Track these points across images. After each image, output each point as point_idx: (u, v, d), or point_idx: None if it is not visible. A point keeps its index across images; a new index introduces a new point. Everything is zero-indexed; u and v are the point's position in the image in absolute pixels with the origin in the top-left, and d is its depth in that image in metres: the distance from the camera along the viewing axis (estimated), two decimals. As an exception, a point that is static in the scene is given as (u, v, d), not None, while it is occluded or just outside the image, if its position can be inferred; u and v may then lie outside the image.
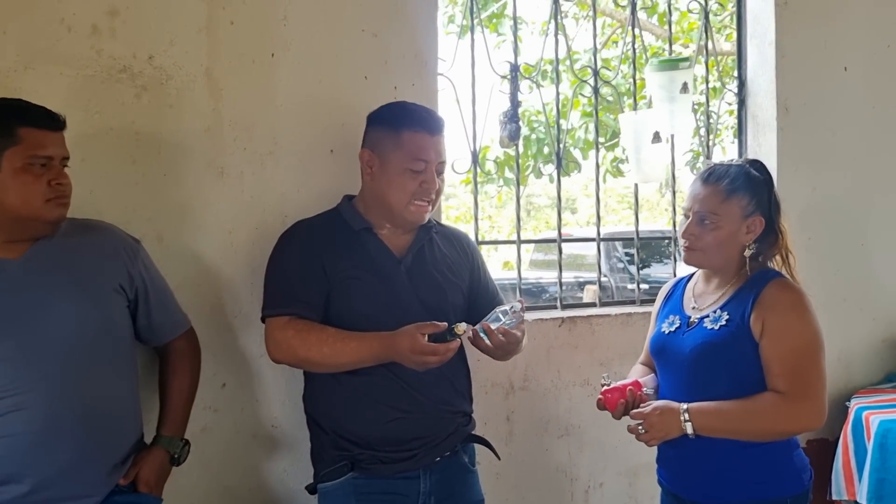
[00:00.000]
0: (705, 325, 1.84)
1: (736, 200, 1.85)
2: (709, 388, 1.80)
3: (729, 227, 1.85)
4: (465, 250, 2.07)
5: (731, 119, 4.16)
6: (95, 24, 1.97)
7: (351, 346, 1.79)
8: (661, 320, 1.99)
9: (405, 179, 1.87)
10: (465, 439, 1.99)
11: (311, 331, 1.82)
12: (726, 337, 1.80)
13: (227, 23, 2.11)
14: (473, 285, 2.06)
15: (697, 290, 1.96)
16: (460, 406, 1.98)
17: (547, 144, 6.25)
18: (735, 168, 1.89)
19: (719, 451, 1.80)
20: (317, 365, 1.84)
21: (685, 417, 1.78)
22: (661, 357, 1.95)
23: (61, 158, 1.67)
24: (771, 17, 2.86)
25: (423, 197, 1.89)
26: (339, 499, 1.87)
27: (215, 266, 2.12)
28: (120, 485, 1.75)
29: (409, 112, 1.92)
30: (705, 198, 1.86)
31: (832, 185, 2.94)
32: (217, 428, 2.12)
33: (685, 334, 1.88)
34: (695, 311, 1.91)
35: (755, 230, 1.87)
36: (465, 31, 2.60)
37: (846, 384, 2.95)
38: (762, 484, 1.80)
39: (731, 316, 1.81)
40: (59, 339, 1.65)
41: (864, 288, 3.00)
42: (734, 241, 1.86)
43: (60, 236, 1.72)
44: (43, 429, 1.62)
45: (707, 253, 1.87)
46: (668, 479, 1.95)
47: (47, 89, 1.90)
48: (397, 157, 1.87)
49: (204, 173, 2.10)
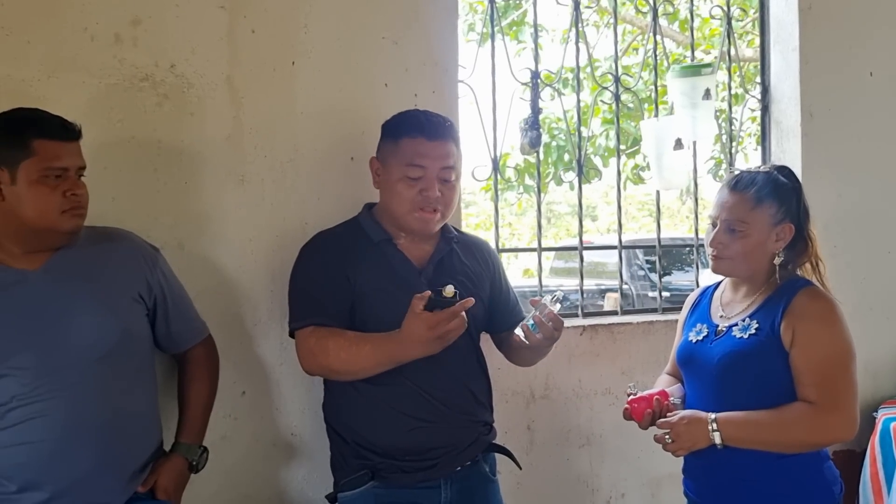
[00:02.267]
0: (734, 333, 1.81)
1: (765, 208, 1.82)
2: (736, 398, 1.77)
3: (758, 236, 1.82)
4: (486, 260, 2.05)
5: (753, 126, 4.13)
6: (118, 33, 1.99)
7: (366, 350, 1.76)
8: (688, 329, 1.96)
9: (403, 187, 1.84)
10: (485, 449, 1.97)
11: (329, 337, 1.79)
12: (755, 346, 1.77)
13: (248, 31, 2.12)
14: (494, 295, 2.04)
15: (725, 298, 1.93)
16: (481, 416, 1.96)
17: (567, 152, 6.23)
18: (762, 175, 1.86)
19: (748, 463, 1.76)
20: (339, 373, 1.82)
21: (713, 427, 1.75)
22: (688, 366, 1.92)
23: (77, 169, 1.67)
24: (795, 23, 2.83)
25: (425, 206, 1.84)
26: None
27: (235, 274, 2.12)
28: (138, 492, 1.75)
29: (408, 118, 1.90)
30: (733, 206, 1.83)
31: (858, 192, 2.90)
32: (236, 436, 2.12)
33: (713, 343, 1.85)
34: (723, 320, 1.88)
35: (784, 238, 1.84)
36: (485, 38, 2.58)
37: (873, 394, 2.89)
38: (791, 497, 1.77)
39: (761, 325, 1.78)
40: (78, 348, 1.65)
41: (891, 296, 2.95)
42: (763, 250, 1.83)
43: (79, 246, 1.72)
44: (63, 436, 1.62)
45: (735, 261, 1.84)
46: (694, 490, 1.92)
47: (70, 98, 1.91)
48: (395, 164, 1.85)
49: (225, 181, 2.11)
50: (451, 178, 1.88)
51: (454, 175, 1.89)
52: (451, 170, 1.88)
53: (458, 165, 1.92)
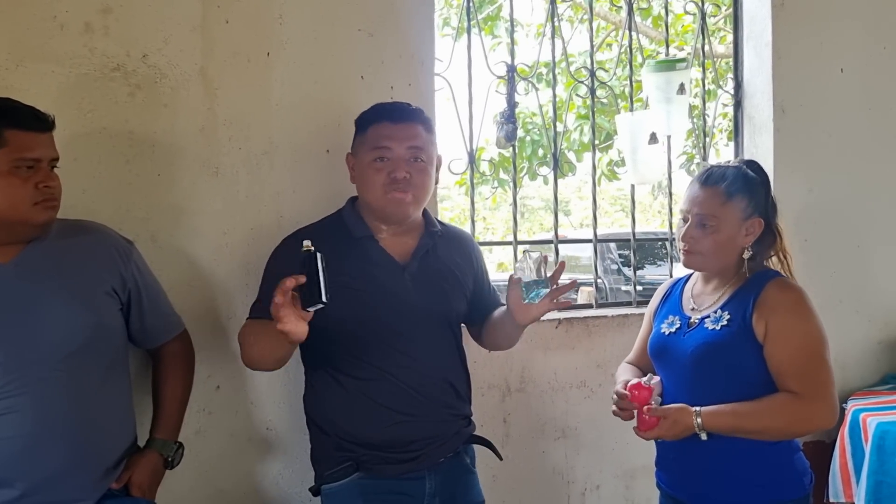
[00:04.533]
0: (706, 325, 1.84)
1: (735, 203, 1.83)
2: (710, 388, 1.79)
3: (728, 230, 1.84)
4: (469, 254, 2.05)
5: (726, 121, 4.16)
6: (88, 22, 1.95)
7: (257, 327, 1.72)
8: (659, 321, 1.98)
9: (372, 172, 1.83)
10: (466, 440, 1.98)
11: (247, 329, 1.80)
12: (728, 337, 1.79)
13: (222, 21, 2.09)
14: (476, 288, 2.04)
15: (696, 290, 1.95)
16: (462, 409, 1.97)
17: (542, 146, 6.24)
18: (732, 170, 1.87)
19: (721, 454, 1.78)
20: (256, 361, 1.78)
21: (698, 423, 1.75)
22: (661, 358, 1.93)
23: (49, 160, 1.64)
24: (768, 19, 2.85)
25: (395, 187, 1.81)
26: (345, 499, 1.84)
27: (210, 267, 2.10)
28: (112, 489, 1.73)
29: (374, 108, 1.90)
30: (704, 201, 1.85)
31: (829, 186, 2.93)
32: (211, 431, 2.10)
33: (686, 335, 1.87)
34: (694, 312, 1.90)
35: (754, 232, 1.86)
36: (461, 32, 2.58)
37: (842, 386, 2.93)
38: (764, 487, 1.79)
39: (733, 316, 1.80)
40: (50, 342, 1.62)
41: (860, 290, 2.99)
42: (733, 244, 1.85)
43: (52, 238, 1.69)
44: (33, 433, 1.60)
45: (707, 256, 1.86)
46: (667, 481, 1.94)
47: (39, 88, 1.88)
48: (364, 152, 1.85)
49: (199, 173, 2.08)
50: (419, 157, 1.84)
51: (424, 156, 1.86)
52: (419, 150, 1.84)
53: (430, 150, 1.89)
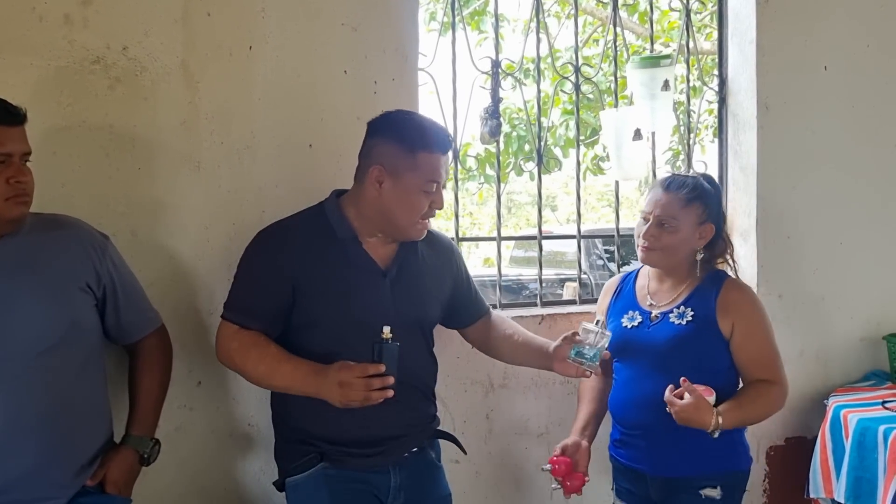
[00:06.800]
0: (671, 320, 2.08)
1: (692, 209, 2.08)
2: (678, 377, 1.96)
3: (684, 232, 2.08)
4: (449, 259, 2.06)
5: (711, 118, 4.17)
6: (68, 14, 1.93)
7: (285, 369, 1.78)
8: (617, 316, 2.17)
9: (418, 200, 1.83)
10: (431, 435, 2.01)
11: (253, 347, 1.81)
12: (694, 331, 2.05)
13: (203, 14, 2.07)
14: (456, 293, 2.06)
15: (651, 288, 2.18)
16: (427, 410, 2.00)
17: (527, 142, 6.24)
18: (692, 179, 2.13)
19: (684, 429, 1.96)
20: (252, 380, 1.86)
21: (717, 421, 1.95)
22: (626, 350, 2.11)
23: (21, 154, 1.61)
24: (752, 16, 2.85)
25: (428, 215, 1.88)
26: (310, 489, 1.85)
27: (191, 262, 2.08)
28: (87, 486, 1.71)
29: (424, 131, 1.86)
30: (666, 204, 2.08)
31: (812, 184, 2.94)
32: (192, 427, 2.09)
33: (651, 328, 2.10)
34: (653, 308, 2.13)
35: (706, 237, 2.12)
36: (446, 27, 2.57)
37: (824, 383, 2.95)
38: (719, 458, 2.04)
39: (696, 312, 2.06)
40: (22, 340, 1.61)
41: (842, 287, 3.00)
42: (687, 245, 2.10)
43: (24, 234, 1.67)
44: (5, 431, 1.58)
45: (664, 253, 2.09)
46: (628, 456, 2.13)
47: (16, 80, 1.86)
48: (412, 178, 1.82)
49: (179, 167, 2.06)
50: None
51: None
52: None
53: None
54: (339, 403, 1.72)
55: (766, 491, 2.91)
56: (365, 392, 1.69)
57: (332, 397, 1.72)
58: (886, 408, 2.61)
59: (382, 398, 1.71)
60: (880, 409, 2.62)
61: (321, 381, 1.73)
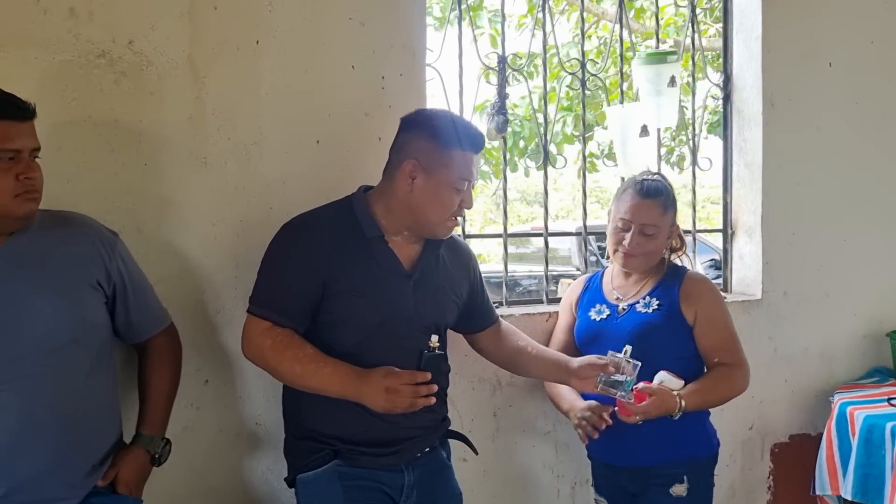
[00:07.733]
0: (638, 309, 2.18)
1: (668, 214, 2.19)
2: (647, 363, 2.01)
3: (663, 237, 2.20)
4: (467, 264, 2.06)
5: (710, 114, 4.16)
6: (73, 7, 1.90)
7: (324, 372, 1.75)
8: (585, 310, 2.27)
9: (450, 197, 1.83)
10: (443, 435, 2.01)
11: (289, 346, 1.77)
12: (661, 318, 2.15)
13: (210, 8, 2.04)
14: (471, 300, 2.06)
15: (616, 283, 2.28)
16: (440, 411, 1.98)
17: (523, 138, 6.22)
18: (661, 184, 2.21)
19: (650, 420, 2.03)
20: (285, 380, 1.83)
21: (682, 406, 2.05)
22: (595, 341, 2.19)
23: (31, 150, 1.59)
24: (758, 12, 2.84)
25: (458, 214, 1.87)
26: (323, 485, 1.83)
27: (198, 259, 2.06)
28: (98, 486, 1.69)
29: (458, 129, 1.86)
30: (647, 212, 2.15)
31: (816, 180, 2.94)
32: (200, 426, 2.06)
33: (619, 319, 2.20)
34: (620, 301, 2.22)
35: (674, 237, 2.25)
36: (441, 23, 2.55)
37: (829, 380, 2.95)
38: (684, 446, 2.13)
39: (662, 302, 2.17)
40: (33, 337, 1.58)
41: (846, 283, 3.00)
42: (664, 247, 2.23)
43: (34, 231, 1.64)
44: (17, 430, 1.56)
45: (647, 258, 2.19)
46: (600, 451, 2.22)
47: (21, 74, 1.82)
48: (445, 175, 1.81)
49: (186, 163, 2.04)
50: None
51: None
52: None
53: None
54: (380, 409, 1.71)
55: (771, 488, 2.91)
56: (412, 399, 1.70)
57: (376, 403, 1.71)
58: (892, 405, 2.62)
59: (424, 405, 1.72)
60: (886, 405, 2.63)
61: (363, 385, 1.71)
